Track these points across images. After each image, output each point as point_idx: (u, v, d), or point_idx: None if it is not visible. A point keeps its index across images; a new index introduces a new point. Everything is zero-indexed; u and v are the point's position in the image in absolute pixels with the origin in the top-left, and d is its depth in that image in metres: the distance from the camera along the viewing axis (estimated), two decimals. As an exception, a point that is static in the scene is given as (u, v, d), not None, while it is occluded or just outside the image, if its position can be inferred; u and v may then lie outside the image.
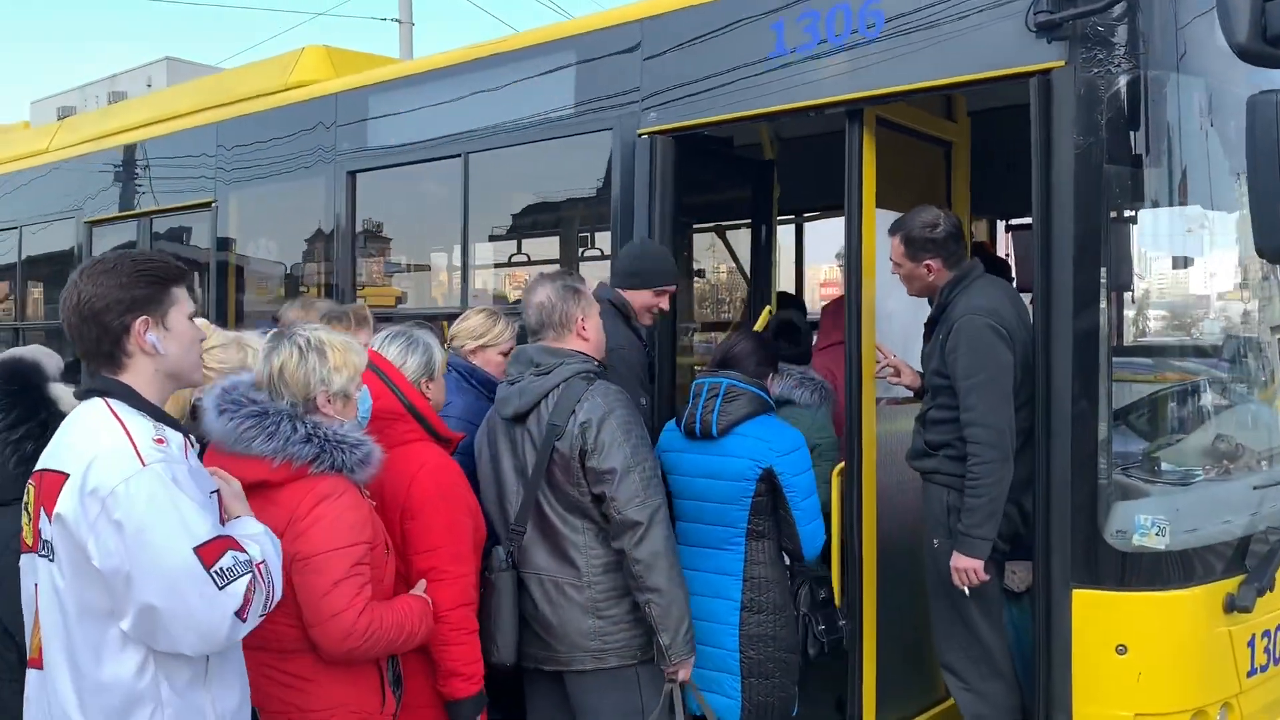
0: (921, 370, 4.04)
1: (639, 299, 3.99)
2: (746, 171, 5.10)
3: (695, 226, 5.72)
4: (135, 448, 2.05)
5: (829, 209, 7.09)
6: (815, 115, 4.08)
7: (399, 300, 6.37)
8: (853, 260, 4.01)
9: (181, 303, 2.24)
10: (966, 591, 3.52)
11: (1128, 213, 3.57)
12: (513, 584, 3.15)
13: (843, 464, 4.11)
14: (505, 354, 3.76)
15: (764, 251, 5.24)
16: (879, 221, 4.06)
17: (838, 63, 3.95)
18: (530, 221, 5.62)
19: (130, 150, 7.57)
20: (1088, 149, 3.40)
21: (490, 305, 4.09)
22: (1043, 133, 3.46)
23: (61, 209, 8.15)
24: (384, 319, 4.75)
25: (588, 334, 3.27)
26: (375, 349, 3.15)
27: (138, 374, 2.19)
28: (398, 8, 16.21)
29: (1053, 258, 3.45)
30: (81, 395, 2.23)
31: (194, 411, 2.86)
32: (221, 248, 6.84)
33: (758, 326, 4.25)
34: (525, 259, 5.95)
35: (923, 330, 4.05)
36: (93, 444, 2.07)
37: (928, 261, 3.76)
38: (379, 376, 3.04)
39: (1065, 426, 3.42)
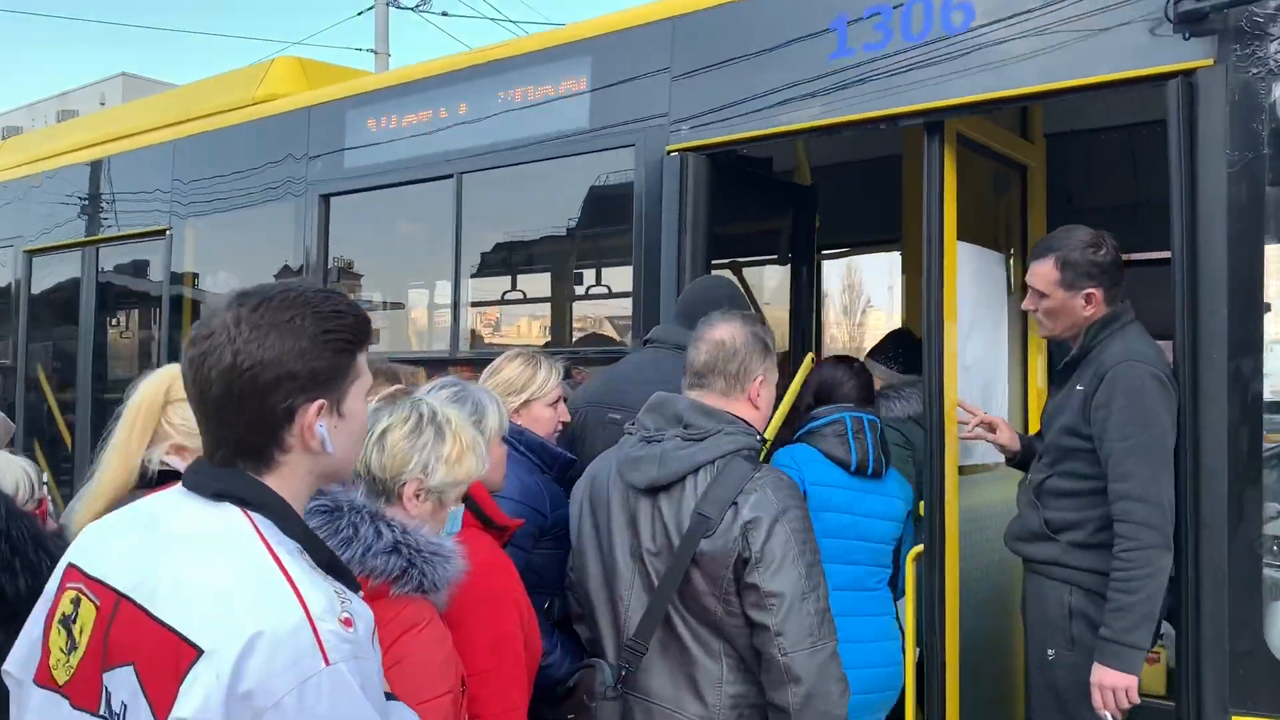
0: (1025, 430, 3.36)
1: None
2: (787, 197, 4.43)
3: (731, 260, 5.01)
4: (314, 628, 1.33)
5: (855, 244, 6.46)
6: (885, 127, 3.42)
7: (375, 341, 5.61)
8: (932, 300, 3.33)
9: (363, 376, 1.56)
10: (1109, 718, 2.80)
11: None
12: (619, 717, 2.47)
13: (920, 547, 3.42)
14: (554, 404, 3.11)
15: (805, 288, 4.55)
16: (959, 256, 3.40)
17: (915, 66, 3.29)
18: (532, 252, 4.91)
19: (76, 172, 6.80)
20: (1244, 167, 2.75)
21: (521, 349, 3.32)
22: (1184, 148, 2.81)
23: (-2, 237, 7.36)
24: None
25: (760, 401, 2.56)
26: None
27: (289, 477, 1.49)
28: (374, 39, 15.62)
29: (1199, 301, 2.79)
30: (211, 493, 1.46)
31: (142, 471, 2.16)
32: (176, 282, 6.08)
33: (799, 377, 3.59)
34: (521, 295, 5.24)
35: (1026, 380, 3.37)
36: (249, 606, 1.33)
37: (1089, 290, 2.99)
38: None
39: (1219, 509, 2.74)
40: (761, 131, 3.60)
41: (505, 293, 5.21)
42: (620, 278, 4.22)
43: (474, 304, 4.99)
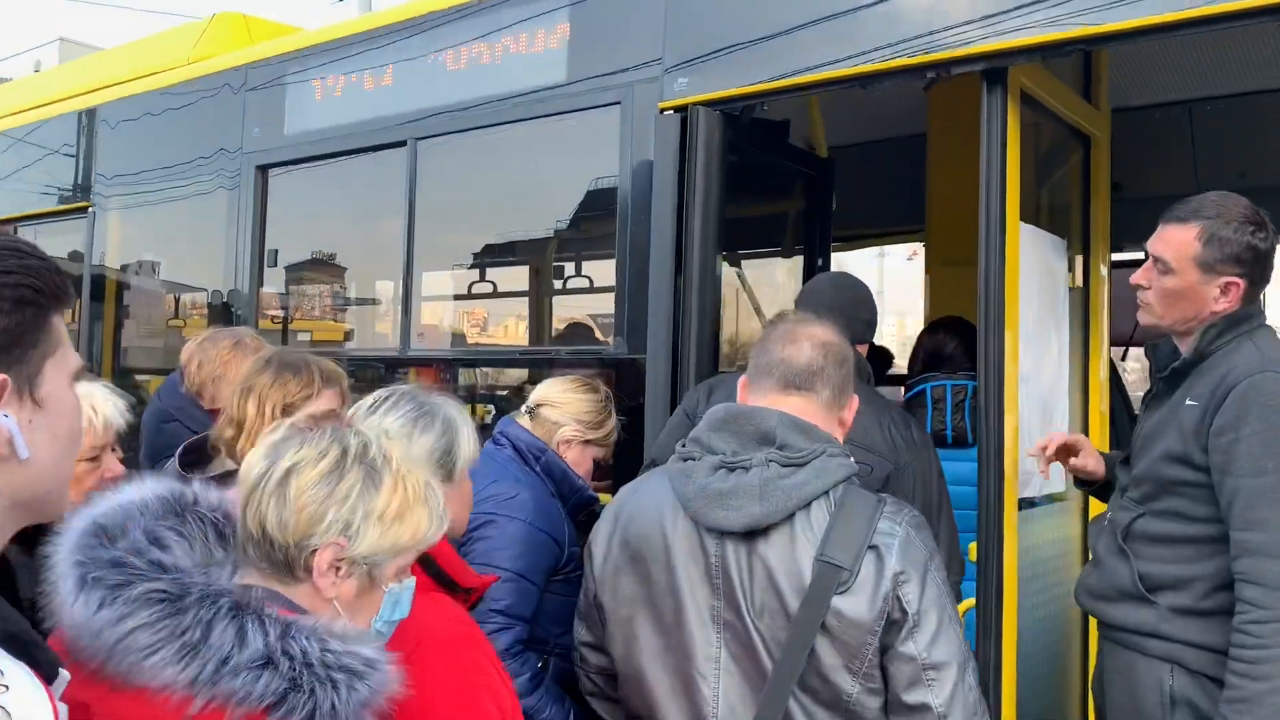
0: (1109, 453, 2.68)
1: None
2: (802, 172, 3.73)
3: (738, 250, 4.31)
4: None
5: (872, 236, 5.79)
6: (935, 76, 2.74)
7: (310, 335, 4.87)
8: (991, 295, 2.65)
9: (63, 350, 1.09)
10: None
11: None
12: None
13: (971, 601, 2.74)
14: (605, 457, 2.78)
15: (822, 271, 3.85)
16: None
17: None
18: (497, 235, 4.20)
19: (-7, 142, 6.06)
20: None
21: (592, 380, 2.78)
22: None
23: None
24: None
25: (848, 423, 2.00)
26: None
27: None
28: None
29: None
30: None
31: None
32: (99, 264, 5.36)
33: None
34: (488, 286, 4.53)
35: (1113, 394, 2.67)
36: None
37: (1231, 279, 2.27)
38: None
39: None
40: (782, 82, 2.91)
41: (473, 284, 4.50)
42: (602, 270, 3.52)
43: (429, 297, 4.27)
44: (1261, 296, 2.33)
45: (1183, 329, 2.36)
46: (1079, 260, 3.41)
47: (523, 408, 2.73)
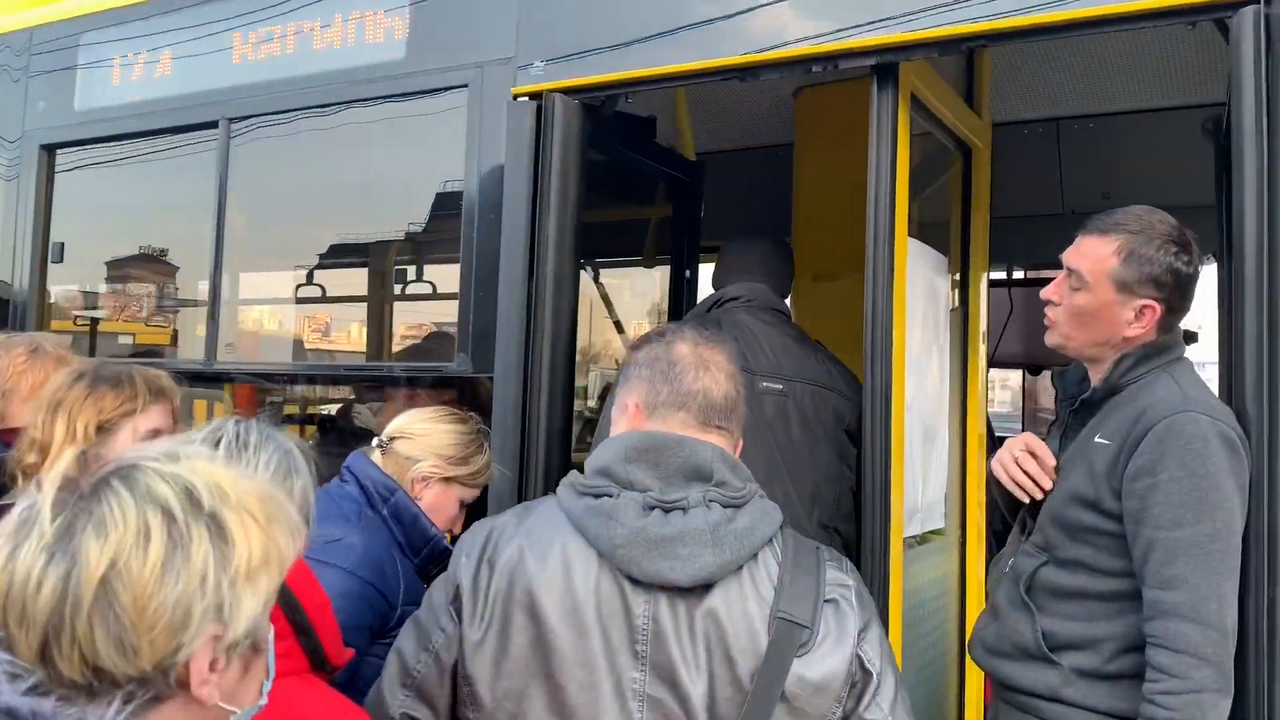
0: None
1: None
2: (669, 174, 3.40)
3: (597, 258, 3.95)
4: None
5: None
6: (821, 70, 2.46)
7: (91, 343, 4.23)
8: (878, 313, 2.40)
9: None
10: None
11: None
12: None
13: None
14: (471, 501, 2.34)
15: (687, 290, 3.53)
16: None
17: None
18: (321, 232, 3.70)
19: None
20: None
21: (461, 411, 2.38)
22: (1261, 110, 1.97)
23: None
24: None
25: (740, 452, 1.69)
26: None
27: None
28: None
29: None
30: None
31: None
32: None
33: None
34: (306, 280, 4.01)
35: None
36: None
37: (1148, 302, 2.04)
38: None
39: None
40: (655, 70, 2.58)
41: (297, 287, 3.98)
42: (446, 275, 3.09)
43: (244, 301, 3.74)
44: (1178, 326, 2.13)
45: (1091, 353, 2.14)
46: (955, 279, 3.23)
47: (374, 440, 2.30)
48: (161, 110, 3.51)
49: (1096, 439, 2.06)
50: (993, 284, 5.03)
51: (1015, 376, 9.66)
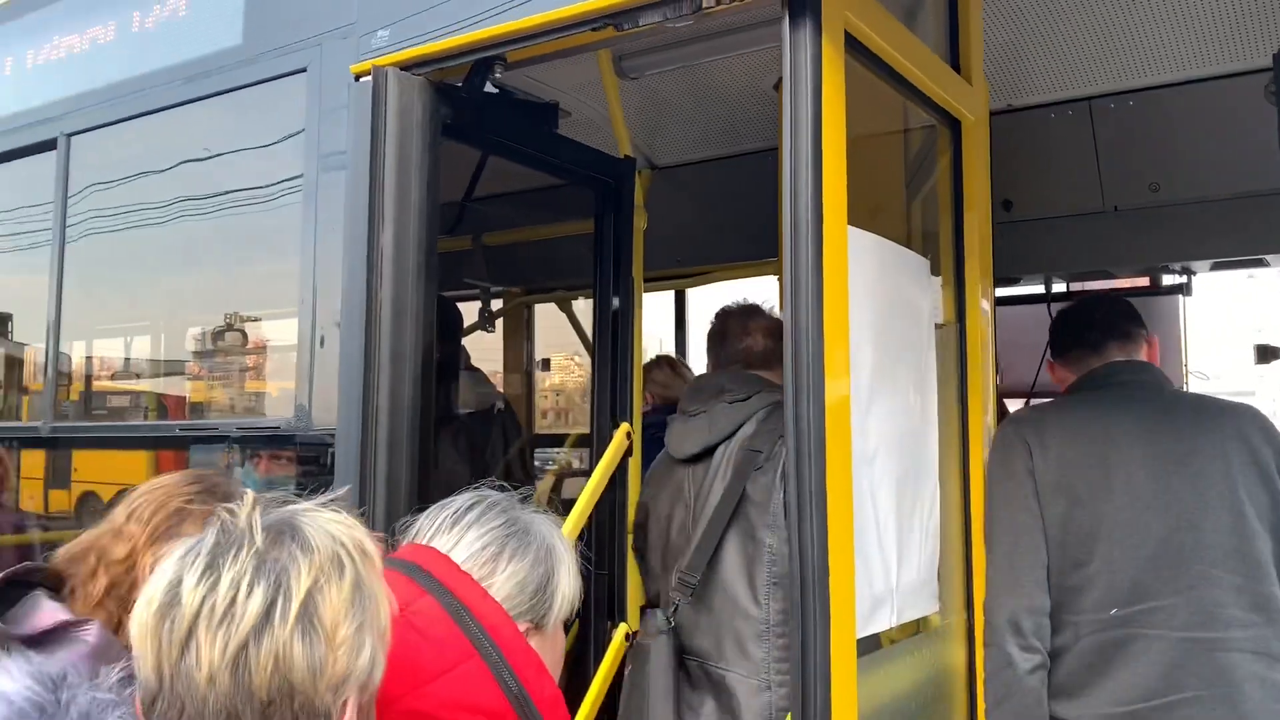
0: None
1: None
2: (589, 175, 2.72)
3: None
4: None
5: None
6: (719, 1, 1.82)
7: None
8: (801, 324, 1.72)
9: None
10: None
11: None
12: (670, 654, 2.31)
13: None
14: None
15: (620, 319, 2.80)
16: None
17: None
18: (172, 242, 3.06)
19: None
20: None
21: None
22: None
23: None
24: None
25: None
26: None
27: None
28: None
29: None
30: None
31: None
32: None
33: (611, 455, 2.01)
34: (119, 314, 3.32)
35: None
36: None
37: None
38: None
39: None
40: (510, 25, 1.97)
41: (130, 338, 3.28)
42: (288, 308, 2.46)
43: (83, 335, 3.14)
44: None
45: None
46: (949, 288, 2.52)
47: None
48: None
49: None
50: (1029, 299, 4.30)
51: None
